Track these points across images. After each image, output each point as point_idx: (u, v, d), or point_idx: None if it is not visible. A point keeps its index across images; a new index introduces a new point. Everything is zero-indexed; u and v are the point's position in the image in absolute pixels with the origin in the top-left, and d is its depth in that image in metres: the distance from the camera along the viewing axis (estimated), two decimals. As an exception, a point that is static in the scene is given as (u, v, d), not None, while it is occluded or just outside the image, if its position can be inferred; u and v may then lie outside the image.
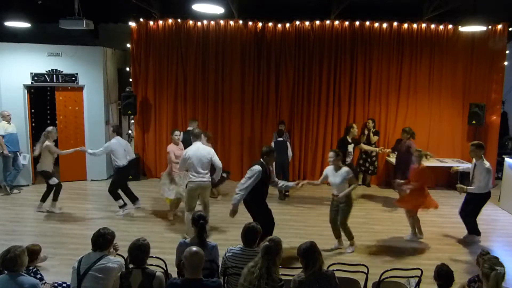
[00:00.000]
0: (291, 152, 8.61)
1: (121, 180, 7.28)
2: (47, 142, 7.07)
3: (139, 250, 3.39)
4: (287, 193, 8.42)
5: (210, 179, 6.29)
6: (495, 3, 8.52)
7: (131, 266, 3.43)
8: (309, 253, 3.33)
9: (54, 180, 7.26)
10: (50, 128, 7.26)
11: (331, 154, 5.80)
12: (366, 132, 9.15)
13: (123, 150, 7.18)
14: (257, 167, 5.26)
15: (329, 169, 5.85)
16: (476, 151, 6.09)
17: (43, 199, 7.36)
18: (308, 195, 8.44)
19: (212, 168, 6.32)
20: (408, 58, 9.29)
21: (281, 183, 5.81)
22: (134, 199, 7.31)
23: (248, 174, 5.29)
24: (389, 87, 9.37)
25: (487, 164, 5.99)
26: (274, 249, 3.32)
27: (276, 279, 3.26)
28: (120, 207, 7.24)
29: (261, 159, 5.42)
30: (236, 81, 9.45)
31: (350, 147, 7.85)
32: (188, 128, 8.06)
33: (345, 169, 5.75)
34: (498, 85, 9.32)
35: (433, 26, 9.14)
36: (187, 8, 7.95)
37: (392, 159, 8.95)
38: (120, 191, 7.26)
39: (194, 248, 3.26)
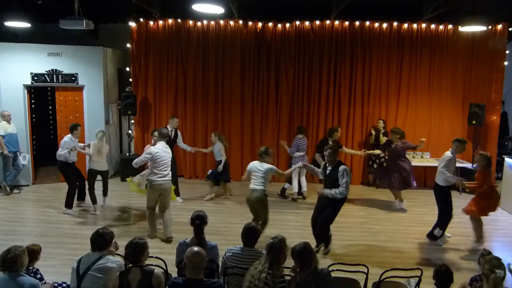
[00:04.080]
0: None
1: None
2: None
3: (134, 249, 3.39)
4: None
5: (171, 179, 6.34)
6: (495, 3, 8.53)
7: (129, 265, 3.43)
8: (304, 254, 3.31)
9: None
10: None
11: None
12: (373, 132, 9.15)
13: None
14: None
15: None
16: None
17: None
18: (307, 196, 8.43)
19: None
20: (408, 58, 9.29)
21: None
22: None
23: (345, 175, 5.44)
24: (389, 87, 9.37)
25: None
26: (278, 246, 3.33)
27: (277, 275, 3.27)
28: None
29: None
30: (236, 81, 9.45)
31: None
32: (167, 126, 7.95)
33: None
34: (498, 85, 9.32)
35: (433, 26, 9.14)
36: (187, 8, 7.95)
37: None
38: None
39: (196, 248, 3.26)
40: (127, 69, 10.07)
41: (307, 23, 9.24)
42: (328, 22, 9.20)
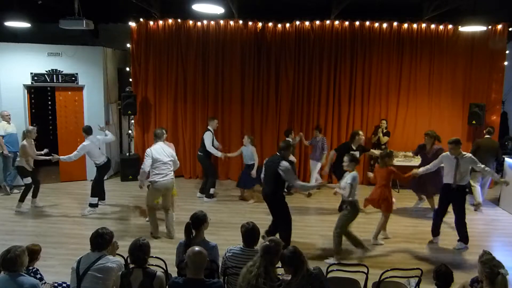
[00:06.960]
0: None
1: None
2: (24, 142, 7.17)
3: (140, 250, 3.39)
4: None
5: (173, 178, 6.38)
6: (495, 3, 8.53)
7: (131, 265, 3.43)
8: (295, 259, 3.23)
9: (27, 180, 7.31)
10: (30, 127, 7.38)
11: (345, 158, 5.62)
12: (377, 133, 9.12)
13: (98, 149, 7.40)
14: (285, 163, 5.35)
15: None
16: None
17: (21, 198, 7.38)
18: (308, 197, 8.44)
19: None
20: (408, 58, 9.28)
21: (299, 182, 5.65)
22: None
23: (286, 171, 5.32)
24: (389, 87, 9.36)
25: None
26: (274, 249, 3.29)
27: (274, 279, 3.24)
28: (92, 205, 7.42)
29: (278, 154, 5.47)
30: (236, 81, 9.45)
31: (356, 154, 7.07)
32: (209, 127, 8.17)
33: (351, 173, 5.53)
34: (498, 85, 9.32)
35: (433, 26, 9.14)
36: (187, 8, 7.94)
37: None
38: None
39: (197, 248, 3.25)
40: (127, 69, 10.07)
41: (307, 23, 9.23)
42: (328, 22, 9.19)
